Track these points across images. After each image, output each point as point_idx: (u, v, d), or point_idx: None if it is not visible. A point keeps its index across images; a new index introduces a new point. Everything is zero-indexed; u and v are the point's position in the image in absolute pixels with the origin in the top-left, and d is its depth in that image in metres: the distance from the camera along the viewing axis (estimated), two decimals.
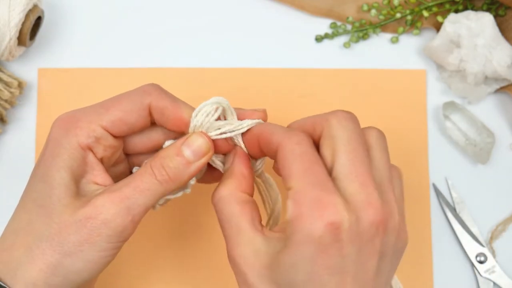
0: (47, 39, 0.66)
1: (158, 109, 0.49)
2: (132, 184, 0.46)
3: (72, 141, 0.48)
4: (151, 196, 0.46)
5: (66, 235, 0.45)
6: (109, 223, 0.45)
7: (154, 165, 0.47)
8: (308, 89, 0.65)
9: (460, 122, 0.64)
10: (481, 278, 0.61)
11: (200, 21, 0.67)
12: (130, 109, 0.49)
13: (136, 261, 0.61)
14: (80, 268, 0.45)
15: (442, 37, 0.63)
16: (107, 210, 0.45)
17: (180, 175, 0.47)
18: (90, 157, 0.48)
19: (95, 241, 0.45)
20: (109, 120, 0.48)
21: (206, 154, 0.48)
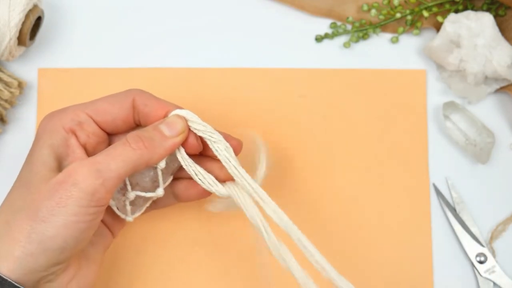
0: (47, 39, 0.66)
1: (142, 101, 0.52)
2: (105, 152, 0.48)
3: (56, 124, 0.50)
4: (123, 162, 0.48)
5: (40, 202, 0.46)
6: (78, 184, 0.46)
7: (129, 136, 0.49)
8: (308, 89, 0.65)
9: (460, 122, 0.64)
10: (481, 278, 0.61)
11: (200, 21, 0.67)
12: (113, 101, 0.52)
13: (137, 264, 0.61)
14: (53, 233, 0.45)
15: (442, 37, 0.63)
16: (77, 172, 0.46)
17: (155, 146, 0.49)
18: (72, 140, 0.50)
19: (66, 204, 0.46)
20: (93, 108, 0.51)
21: (181, 133, 0.50)
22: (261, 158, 0.54)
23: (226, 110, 0.64)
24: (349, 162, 0.64)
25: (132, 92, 0.52)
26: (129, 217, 0.53)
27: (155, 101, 0.52)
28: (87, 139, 0.51)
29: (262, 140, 0.55)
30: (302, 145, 0.64)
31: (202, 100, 0.65)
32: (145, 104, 0.52)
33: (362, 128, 0.64)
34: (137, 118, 0.52)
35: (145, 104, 0.52)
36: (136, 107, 0.52)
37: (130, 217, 0.53)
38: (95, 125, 0.51)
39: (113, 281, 0.61)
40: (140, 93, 0.52)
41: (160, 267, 0.61)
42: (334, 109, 0.65)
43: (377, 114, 0.65)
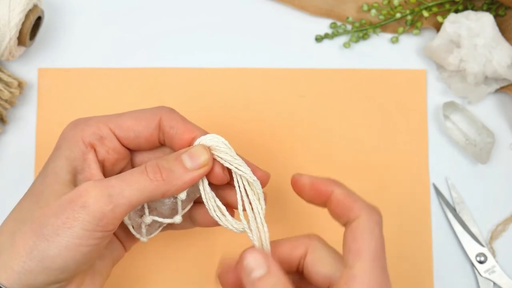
0: (47, 39, 0.66)
1: (168, 123, 0.49)
2: (120, 177, 0.46)
3: (76, 135, 0.48)
4: (137, 191, 0.45)
5: (47, 218, 0.45)
6: (88, 207, 0.44)
7: (149, 164, 0.47)
8: (308, 89, 0.65)
9: (460, 122, 0.64)
10: (481, 278, 0.61)
11: (200, 21, 0.67)
12: (139, 118, 0.49)
13: (137, 265, 0.61)
14: (55, 253, 0.44)
15: (442, 37, 0.63)
16: (88, 194, 0.44)
17: (173, 178, 0.46)
18: (90, 155, 0.48)
19: (72, 226, 0.44)
20: (117, 124, 0.49)
21: (205, 166, 0.47)
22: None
23: (226, 110, 0.64)
24: (349, 162, 0.64)
25: (160, 111, 0.49)
26: (144, 238, 0.51)
27: (182, 124, 0.49)
28: (106, 155, 0.49)
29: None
30: (302, 145, 0.64)
31: (202, 100, 0.65)
32: (171, 126, 0.49)
33: (362, 128, 0.64)
34: (162, 138, 0.50)
35: (171, 126, 0.49)
36: (162, 128, 0.49)
37: (145, 238, 0.51)
38: (116, 141, 0.49)
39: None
40: (168, 113, 0.49)
41: (166, 278, 0.62)
42: (334, 109, 0.65)
43: (377, 114, 0.65)
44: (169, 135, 0.49)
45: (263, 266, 0.45)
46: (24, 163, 0.63)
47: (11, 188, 0.62)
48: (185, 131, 0.49)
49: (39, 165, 0.63)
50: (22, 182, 0.62)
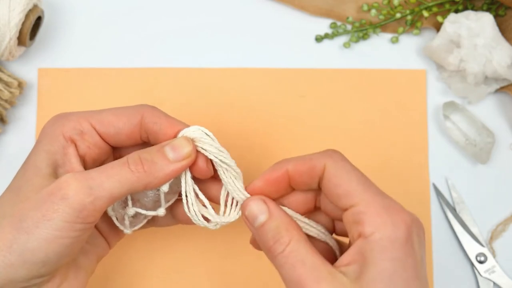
0: (47, 39, 0.66)
1: (151, 119, 0.49)
2: (101, 168, 0.46)
3: (56, 129, 0.48)
4: (118, 183, 0.45)
5: (26, 212, 0.44)
6: (67, 198, 0.44)
7: (130, 156, 0.47)
8: (308, 89, 0.65)
9: (460, 122, 0.64)
10: (481, 278, 0.61)
11: (200, 21, 0.67)
12: (120, 114, 0.49)
13: (134, 263, 0.61)
14: (34, 246, 0.44)
15: (442, 37, 0.63)
16: (68, 186, 0.44)
17: (155, 170, 0.46)
18: (70, 150, 0.48)
19: (52, 218, 0.44)
20: (97, 119, 0.49)
21: (187, 158, 0.47)
22: None
23: (226, 110, 0.64)
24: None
25: (142, 108, 0.49)
26: (128, 230, 0.51)
27: (165, 119, 0.49)
28: (87, 150, 0.49)
29: None
30: (302, 145, 0.64)
31: (202, 100, 0.65)
32: (155, 122, 0.49)
33: (362, 128, 0.64)
34: (145, 135, 0.50)
35: (154, 122, 0.49)
36: (145, 125, 0.49)
37: (129, 230, 0.51)
38: (97, 137, 0.49)
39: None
40: (150, 110, 0.49)
41: (157, 276, 0.61)
42: (334, 109, 0.65)
43: (377, 114, 0.65)
44: (153, 131, 0.49)
45: (264, 212, 0.46)
46: None
47: None
48: (169, 125, 0.49)
49: None
50: None
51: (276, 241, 0.44)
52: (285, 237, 0.44)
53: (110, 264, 0.61)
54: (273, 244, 0.45)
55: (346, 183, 0.45)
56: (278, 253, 0.44)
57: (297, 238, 0.45)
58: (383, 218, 0.43)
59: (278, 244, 0.44)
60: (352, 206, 0.44)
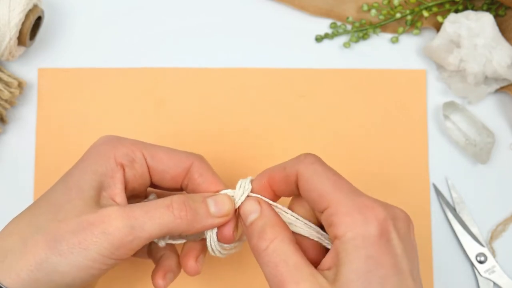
0: (47, 39, 0.66)
1: (199, 169, 0.50)
2: (145, 208, 0.46)
3: (109, 151, 0.48)
4: (159, 226, 0.45)
5: (63, 233, 0.44)
6: (108, 234, 0.44)
7: (175, 200, 0.47)
8: (308, 89, 0.65)
9: (460, 122, 0.64)
10: (481, 278, 0.61)
11: (200, 21, 0.67)
12: (173, 155, 0.50)
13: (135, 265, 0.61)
14: (65, 270, 0.44)
15: (442, 37, 0.63)
16: (111, 221, 0.44)
17: (196, 219, 0.47)
18: (119, 174, 0.48)
19: (88, 248, 0.44)
20: (150, 152, 0.49)
21: (226, 216, 0.48)
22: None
23: (226, 110, 0.64)
24: (349, 162, 0.64)
25: (194, 157, 0.50)
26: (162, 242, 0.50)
27: (211, 175, 0.50)
28: (132, 178, 0.49)
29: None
30: (302, 145, 0.64)
31: (202, 100, 0.65)
32: (201, 174, 0.49)
33: (362, 128, 0.64)
34: (186, 183, 0.50)
35: (200, 173, 0.49)
36: (191, 173, 0.50)
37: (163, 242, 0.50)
38: (146, 168, 0.49)
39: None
40: (200, 160, 0.50)
41: None
42: (334, 109, 0.65)
43: (377, 114, 0.65)
44: (196, 183, 0.50)
45: (256, 211, 0.47)
46: (24, 163, 0.63)
47: (11, 188, 0.62)
48: (213, 182, 0.50)
49: (39, 165, 0.63)
50: (22, 182, 0.62)
51: (260, 238, 0.45)
52: (269, 234, 0.45)
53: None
54: (257, 241, 0.45)
55: (318, 186, 0.45)
56: (261, 250, 0.44)
57: (281, 237, 0.45)
58: (353, 217, 0.42)
59: (261, 240, 0.45)
60: (325, 208, 0.44)
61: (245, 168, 0.63)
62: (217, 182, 0.50)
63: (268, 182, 0.48)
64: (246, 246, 0.50)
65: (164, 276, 0.51)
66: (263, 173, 0.49)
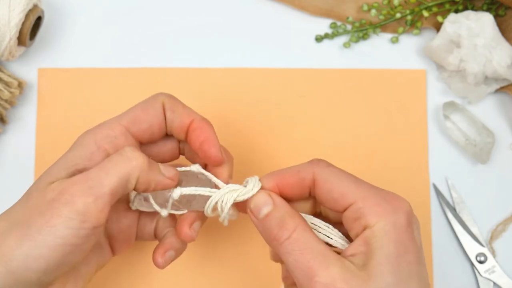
0: (47, 39, 0.66)
1: (169, 106, 0.50)
2: (99, 165, 0.46)
3: (88, 138, 0.48)
4: (116, 175, 0.45)
5: (32, 218, 0.44)
6: (69, 203, 0.44)
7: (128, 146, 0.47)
8: (308, 89, 0.65)
9: (460, 122, 0.64)
10: (481, 278, 0.61)
11: (200, 21, 0.67)
12: (146, 107, 0.50)
13: (136, 264, 0.61)
14: (37, 253, 0.43)
15: (442, 37, 0.63)
16: (69, 190, 0.44)
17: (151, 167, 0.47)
18: (98, 157, 0.48)
19: (55, 224, 0.43)
20: (128, 118, 0.50)
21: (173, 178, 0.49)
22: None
23: (226, 110, 0.64)
24: (349, 161, 0.64)
25: (161, 97, 0.51)
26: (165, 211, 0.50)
27: (182, 107, 0.51)
28: None
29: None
30: (302, 145, 0.64)
31: (202, 100, 0.65)
32: (173, 110, 0.50)
33: (362, 128, 0.64)
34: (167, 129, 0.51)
35: (172, 109, 0.50)
36: (165, 112, 0.51)
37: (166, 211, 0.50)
38: (131, 138, 0.50)
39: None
40: (168, 98, 0.51)
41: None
42: (334, 109, 0.65)
43: (377, 114, 0.65)
44: (170, 119, 0.50)
45: (269, 203, 0.46)
46: (24, 163, 0.63)
47: (11, 188, 0.62)
48: (185, 114, 0.50)
49: (39, 165, 0.63)
50: (22, 182, 0.62)
51: (281, 227, 0.45)
52: (290, 223, 0.45)
53: (110, 264, 0.61)
54: (278, 231, 0.45)
55: (338, 186, 0.46)
56: (284, 239, 0.44)
57: (302, 226, 0.45)
58: (383, 207, 0.44)
59: (283, 230, 0.45)
60: (350, 205, 0.45)
61: (245, 168, 0.63)
62: (189, 113, 0.50)
63: (278, 185, 0.48)
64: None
65: (164, 254, 0.51)
66: (270, 175, 0.49)
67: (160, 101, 0.50)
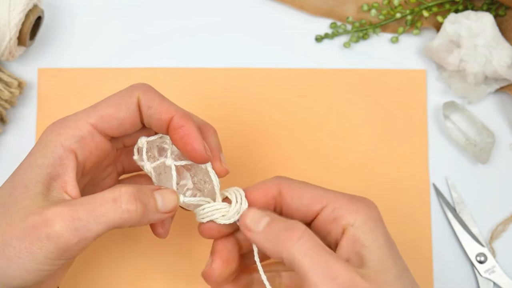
0: (47, 39, 0.66)
1: (146, 102, 0.48)
2: (90, 206, 0.44)
3: (54, 140, 0.46)
4: (105, 224, 0.43)
5: (10, 238, 0.43)
6: (52, 238, 0.43)
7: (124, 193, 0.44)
8: (308, 89, 0.65)
9: (460, 122, 0.64)
10: (481, 278, 0.61)
11: (200, 21, 0.67)
12: (119, 103, 0.48)
13: (134, 264, 0.61)
14: (15, 274, 0.43)
15: (442, 37, 0.63)
16: (54, 226, 0.43)
17: (147, 214, 0.45)
18: (68, 161, 0.46)
19: (35, 253, 0.43)
20: (97, 116, 0.47)
21: (171, 212, 0.47)
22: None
23: (226, 110, 0.64)
24: (349, 161, 0.64)
25: (136, 90, 0.48)
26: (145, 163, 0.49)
27: (159, 103, 0.48)
28: (89, 155, 0.47)
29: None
30: (302, 145, 0.64)
31: (202, 100, 0.65)
32: (149, 106, 0.47)
33: (362, 128, 0.64)
34: (142, 119, 0.49)
35: (149, 106, 0.47)
36: (141, 108, 0.48)
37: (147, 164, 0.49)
38: (99, 137, 0.47)
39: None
40: (144, 92, 0.48)
41: (158, 270, 0.62)
42: (334, 109, 0.65)
43: (377, 114, 0.65)
44: (147, 115, 0.48)
45: (265, 215, 0.46)
46: None
47: None
48: (163, 111, 0.48)
49: None
50: None
51: (290, 229, 0.44)
52: (297, 225, 0.44)
53: (110, 264, 0.61)
54: (288, 232, 0.44)
55: (306, 192, 0.47)
56: (294, 242, 0.43)
57: (308, 229, 0.45)
58: (356, 205, 0.45)
59: (294, 230, 0.44)
60: (322, 208, 0.46)
61: (244, 168, 0.63)
62: (167, 109, 0.47)
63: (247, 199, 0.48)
64: None
65: (163, 224, 0.50)
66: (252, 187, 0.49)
67: (135, 96, 0.47)
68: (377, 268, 0.43)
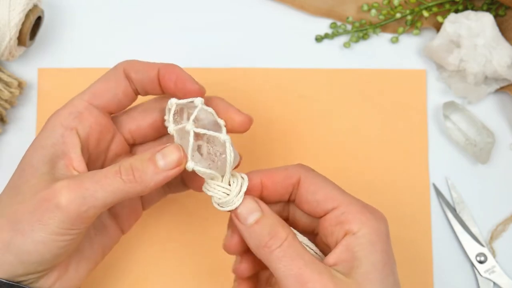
0: (47, 39, 0.66)
1: (132, 69, 0.50)
2: (95, 177, 0.46)
3: (54, 121, 0.49)
4: (111, 193, 0.45)
5: (22, 214, 0.45)
6: (62, 207, 0.44)
7: (123, 164, 0.46)
8: (308, 89, 0.65)
9: (460, 122, 0.64)
10: (481, 278, 0.61)
11: (200, 21, 0.67)
12: (107, 78, 0.51)
13: (138, 263, 0.61)
14: (30, 248, 0.45)
15: (442, 37, 0.63)
16: (62, 194, 0.45)
17: (146, 179, 0.46)
18: (70, 138, 0.48)
19: (47, 223, 0.44)
20: (90, 93, 0.50)
21: (177, 167, 0.46)
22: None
23: None
24: (349, 161, 0.64)
25: (121, 64, 0.51)
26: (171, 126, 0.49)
27: (143, 64, 0.51)
28: (90, 130, 0.49)
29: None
30: (302, 145, 0.64)
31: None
32: (135, 71, 0.50)
33: (362, 128, 0.64)
34: (134, 87, 0.51)
35: (135, 71, 0.50)
36: (129, 76, 0.51)
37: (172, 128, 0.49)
38: (96, 111, 0.50)
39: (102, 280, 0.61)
40: (127, 62, 0.51)
41: (161, 270, 0.62)
42: (334, 109, 0.65)
43: (377, 114, 0.65)
44: (137, 81, 0.51)
45: (257, 210, 0.46)
46: None
47: None
48: (149, 69, 0.50)
49: None
50: None
51: (273, 236, 0.45)
52: (282, 232, 0.45)
53: (110, 264, 0.61)
54: (269, 239, 0.45)
55: (323, 189, 0.47)
56: (275, 248, 0.45)
57: (292, 235, 0.46)
58: (366, 215, 0.45)
59: (275, 238, 0.45)
60: (334, 208, 0.46)
61: (244, 168, 0.63)
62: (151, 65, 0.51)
63: (263, 181, 0.48)
64: None
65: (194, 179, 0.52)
66: (256, 171, 0.49)
67: (121, 67, 0.51)
68: (362, 280, 0.43)
